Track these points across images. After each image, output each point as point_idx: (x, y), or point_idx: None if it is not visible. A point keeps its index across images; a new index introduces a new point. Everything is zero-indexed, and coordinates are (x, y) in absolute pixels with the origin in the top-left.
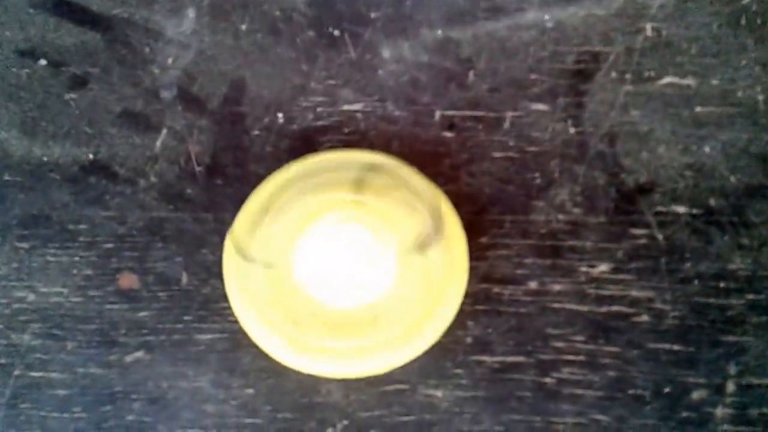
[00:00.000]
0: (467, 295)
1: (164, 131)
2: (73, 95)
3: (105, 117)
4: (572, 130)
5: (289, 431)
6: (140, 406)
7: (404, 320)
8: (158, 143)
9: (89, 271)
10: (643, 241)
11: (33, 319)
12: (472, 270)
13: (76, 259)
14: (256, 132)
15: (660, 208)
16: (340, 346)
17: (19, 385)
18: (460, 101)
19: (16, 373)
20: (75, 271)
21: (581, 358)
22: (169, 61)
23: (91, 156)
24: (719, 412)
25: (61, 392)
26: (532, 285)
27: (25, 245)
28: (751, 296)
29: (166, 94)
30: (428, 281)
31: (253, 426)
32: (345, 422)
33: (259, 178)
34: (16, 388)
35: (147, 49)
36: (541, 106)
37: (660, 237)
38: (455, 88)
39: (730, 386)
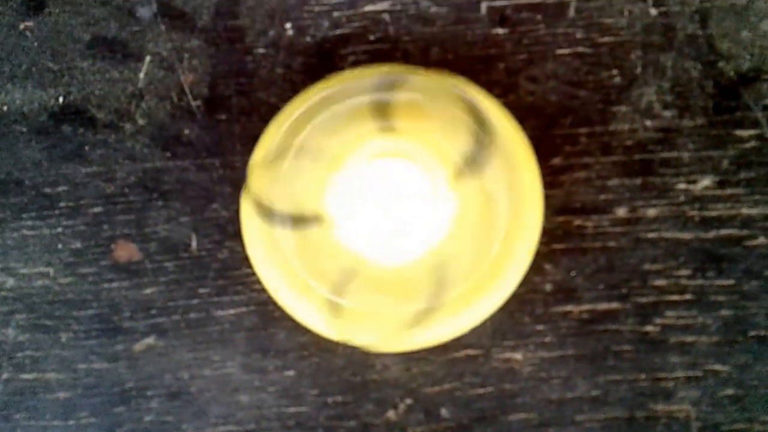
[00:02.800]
0: (542, 231)
1: (147, 59)
2: (29, 23)
3: (72, 48)
4: (654, 11)
5: (343, 417)
6: (159, 403)
7: (468, 272)
8: (142, 75)
9: (77, 244)
10: (752, 143)
11: (16, 309)
12: (546, 200)
13: (60, 230)
14: (261, 50)
15: None
16: (395, 312)
17: (10, 391)
18: None
19: (4, 376)
20: (60, 246)
21: (688, 297)
22: None
23: (60, 99)
24: None
25: (62, 395)
26: (621, 212)
27: None
28: None
29: (144, 12)
30: (493, 220)
31: (298, 415)
32: (408, 401)
33: (270, 109)
34: (6, 395)
35: None
36: None
37: None
38: None
39: None
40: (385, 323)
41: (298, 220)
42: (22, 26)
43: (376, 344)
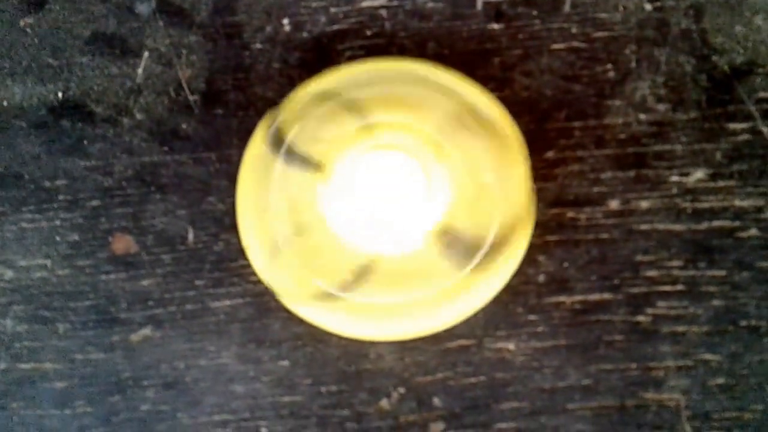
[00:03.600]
0: (536, 224)
1: (146, 55)
2: (29, 20)
3: (71, 44)
4: (648, 6)
5: (337, 407)
6: (154, 393)
7: (460, 265)
8: (140, 70)
9: (75, 237)
10: (745, 137)
11: (14, 301)
12: (539, 192)
13: (58, 223)
14: (258, 45)
15: (763, 94)
16: (388, 301)
17: (8, 381)
18: None
19: (2, 366)
20: (58, 238)
21: (680, 287)
22: None
23: (60, 94)
24: None
25: (59, 385)
26: (614, 204)
27: None
28: None
29: (143, 8)
30: (486, 212)
31: (292, 404)
32: (401, 390)
33: (266, 103)
34: (4, 384)
35: None
36: None
37: (766, 130)
38: None
39: None
40: (378, 311)
41: (298, 228)
42: (22, 23)
43: (286, 298)
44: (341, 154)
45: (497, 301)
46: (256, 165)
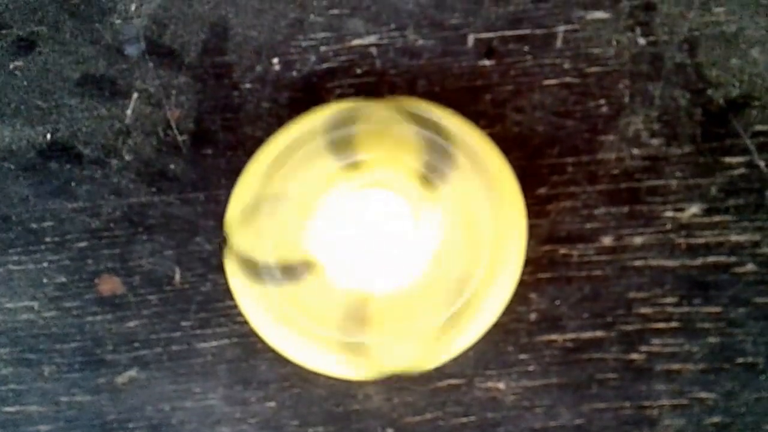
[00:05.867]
0: (527, 261)
1: (135, 96)
2: (18, 63)
3: (61, 86)
4: (642, 41)
5: None
6: None
7: (450, 302)
8: (129, 112)
9: (62, 278)
10: (741, 170)
11: (0, 343)
12: (532, 229)
13: (45, 264)
14: (248, 85)
15: (760, 127)
16: (375, 341)
17: None
18: (497, 19)
19: None
20: (45, 280)
21: (674, 324)
22: (132, 7)
23: (48, 136)
24: None
25: (44, 428)
26: (607, 241)
27: None
28: None
29: (133, 50)
30: (476, 249)
31: None
32: (390, 431)
33: (256, 143)
34: None
35: None
36: (600, 14)
37: (762, 164)
38: (490, 3)
39: None
40: (412, 344)
41: (288, 272)
42: (11, 66)
43: (412, 366)
44: (326, 194)
45: (487, 339)
46: (254, 297)
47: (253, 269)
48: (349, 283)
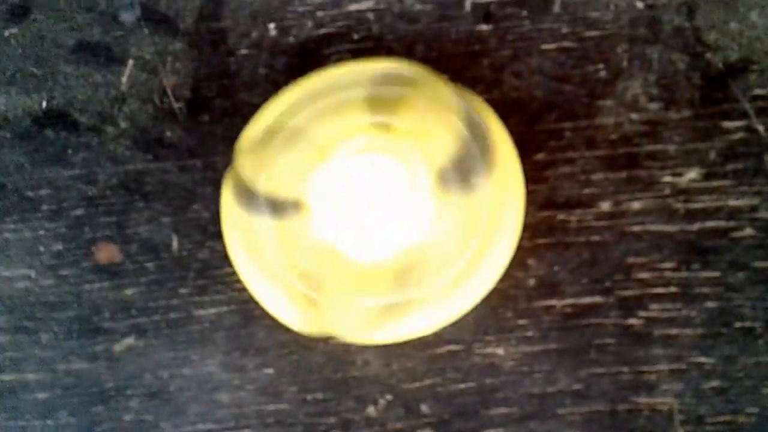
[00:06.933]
0: (525, 226)
1: (130, 63)
2: (13, 30)
3: (55, 53)
4: (640, 4)
5: (323, 414)
6: (138, 402)
7: (449, 267)
8: (124, 79)
9: (59, 246)
10: (739, 135)
11: None
12: (529, 195)
13: (41, 232)
14: (244, 51)
15: (758, 91)
16: (374, 306)
17: None
18: None
19: None
20: (41, 248)
21: (673, 289)
22: None
23: (44, 104)
24: None
25: (41, 395)
26: (605, 206)
27: None
28: None
29: (128, 16)
30: (474, 215)
31: (277, 413)
32: (389, 397)
33: (252, 109)
34: None
35: None
36: None
37: (761, 128)
38: None
39: None
40: (356, 316)
41: (278, 207)
42: (6, 33)
43: (347, 336)
44: (344, 144)
45: (486, 305)
46: (238, 225)
47: (248, 197)
48: (333, 238)
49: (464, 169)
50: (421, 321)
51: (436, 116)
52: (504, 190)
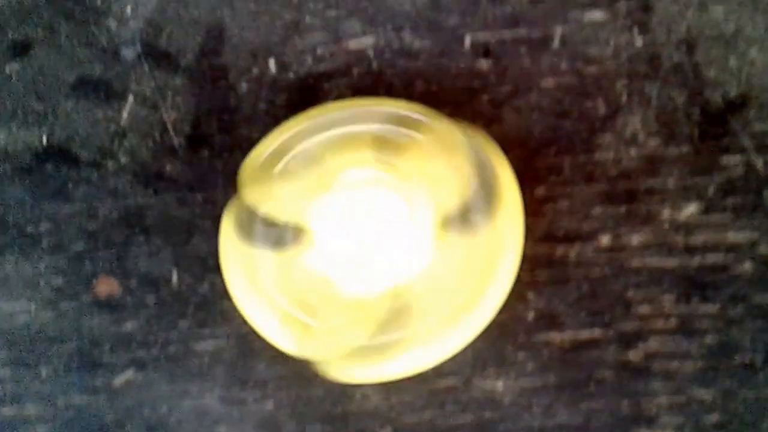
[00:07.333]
0: (525, 260)
1: (131, 98)
2: (14, 65)
3: (56, 89)
4: (639, 41)
5: None
6: None
7: (448, 301)
8: (125, 114)
9: (59, 280)
10: (738, 170)
11: None
12: (529, 228)
13: (42, 267)
14: (244, 87)
15: (757, 127)
16: (372, 343)
17: None
18: (494, 20)
19: None
20: (42, 282)
21: (672, 324)
22: (128, 10)
23: (44, 139)
24: None
25: (41, 429)
26: (604, 240)
27: None
28: None
29: (129, 53)
30: (473, 255)
31: None
32: (388, 430)
33: (252, 144)
34: None
35: None
36: (597, 15)
37: (759, 163)
38: (487, 3)
39: None
40: (342, 351)
41: (278, 235)
42: (7, 69)
43: (335, 370)
44: (347, 175)
45: (485, 338)
46: (236, 256)
47: (248, 225)
48: (329, 269)
49: (469, 214)
50: (410, 360)
51: (446, 162)
52: (505, 229)
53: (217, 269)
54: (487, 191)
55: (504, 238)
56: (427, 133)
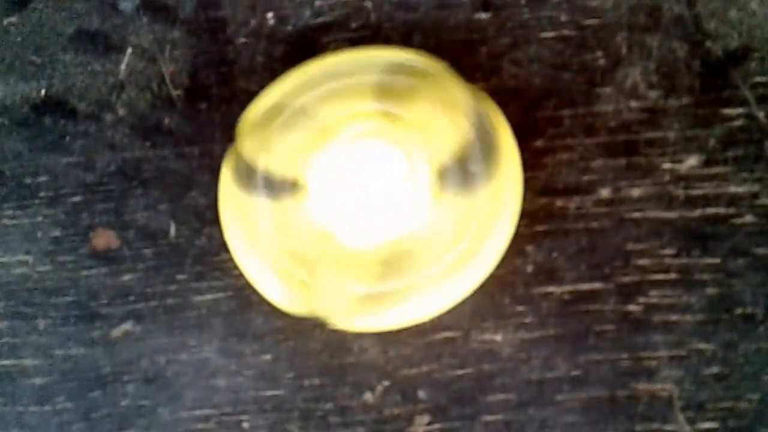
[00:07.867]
0: (524, 213)
1: (129, 51)
2: (12, 19)
3: (54, 41)
4: None
5: (320, 400)
6: (135, 388)
7: (439, 259)
8: (123, 66)
9: (56, 232)
10: (739, 122)
11: None
12: (528, 181)
13: (39, 219)
14: (242, 39)
15: (758, 79)
16: (371, 292)
17: None
18: None
19: None
20: (39, 234)
21: (673, 276)
22: None
23: (42, 91)
24: None
25: (39, 381)
26: (604, 192)
27: None
28: None
29: (127, 5)
30: (472, 201)
31: (274, 398)
32: (386, 383)
33: (250, 97)
34: None
35: None
36: None
37: (761, 115)
38: None
39: None
40: (341, 301)
41: (276, 186)
42: (5, 22)
43: (333, 321)
44: (347, 128)
45: (484, 291)
46: (235, 206)
47: (246, 175)
48: (327, 221)
49: (466, 170)
50: (409, 310)
51: (445, 113)
52: (503, 188)
53: (214, 222)
54: (485, 151)
55: (503, 190)
56: (428, 82)
